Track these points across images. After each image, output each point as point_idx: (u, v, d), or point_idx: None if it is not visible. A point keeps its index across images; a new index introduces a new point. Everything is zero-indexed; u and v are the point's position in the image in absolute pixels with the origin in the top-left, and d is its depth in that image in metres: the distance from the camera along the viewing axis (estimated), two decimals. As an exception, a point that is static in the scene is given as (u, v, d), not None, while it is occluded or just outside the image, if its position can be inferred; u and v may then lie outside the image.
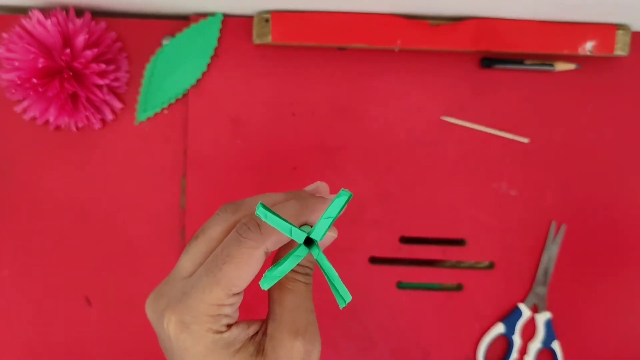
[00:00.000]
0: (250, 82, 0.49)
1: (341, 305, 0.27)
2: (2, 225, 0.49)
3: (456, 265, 0.50)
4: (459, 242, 0.50)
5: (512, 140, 0.50)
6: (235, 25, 0.49)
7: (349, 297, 0.27)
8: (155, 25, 0.49)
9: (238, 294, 0.28)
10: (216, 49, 0.49)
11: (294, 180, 0.49)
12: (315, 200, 0.30)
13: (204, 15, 0.49)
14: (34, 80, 0.44)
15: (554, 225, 0.50)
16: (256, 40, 0.48)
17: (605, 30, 0.47)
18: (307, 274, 0.31)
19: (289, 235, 0.27)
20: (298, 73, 0.49)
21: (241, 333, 0.29)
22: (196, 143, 0.49)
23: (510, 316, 0.50)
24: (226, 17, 0.49)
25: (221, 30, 0.49)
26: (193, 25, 0.49)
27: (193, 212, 0.49)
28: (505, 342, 0.50)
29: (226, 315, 0.28)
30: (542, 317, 0.49)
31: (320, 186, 0.33)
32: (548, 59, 0.49)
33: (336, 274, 0.27)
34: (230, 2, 0.47)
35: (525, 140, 0.50)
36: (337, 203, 0.26)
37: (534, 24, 0.47)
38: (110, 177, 0.50)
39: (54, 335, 0.49)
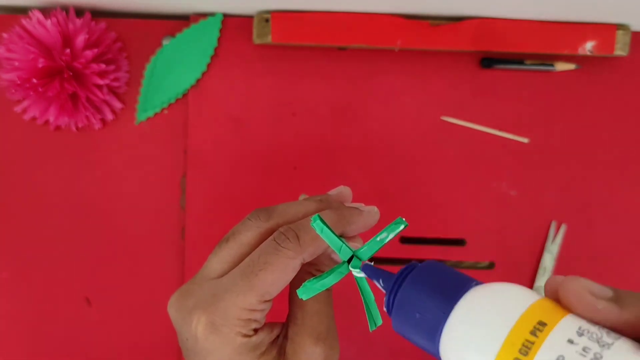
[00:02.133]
0: (250, 82, 0.49)
1: (371, 328, 0.28)
2: (2, 225, 0.49)
3: (456, 265, 0.50)
4: (459, 242, 0.50)
5: (512, 140, 0.50)
6: (235, 25, 0.49)
7: (380, 321, 0.28)
8: (155, 25, 0.49)
9: (269, 300, 0.28)
10: (216, 49, 0.49)
11: (294, 180, 0.49)
12: (351, 212, 0.31)
13: (204, 15, 0.49)
14: (34, 80, 0.44)
15: (554, 225, 0.50)
16: (256, 40, 0.48)
17: (605, 30, 0.47)
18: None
19: (337, 252, 0.27)
20: (298, 73, 0.49)
21: (266, 337, 0.30)
22: (196, 143, 0.49)
23: (510, 316, 0.50)
24: (226, 17, 0.49)
25: (221, 30, 0.49)
26: (193, 25, 0.49)
27: (193, 212, 0.49)
28: (505, 342, 0.50)
29: (255, 320, 0.29)
30: (542, 317, 0.49)
31: (344, 191, 0.34)
32: (548, 59, 0.49)
33: (372, 297, 0.28)
34: (230, 2, 0.47)
35: (525, 140, 0.50)
36: (391, 229, 0.27)
37: (534, 24, 0.47)
38: (110, 177, 0.50)
39: (54, 335, 0.49)
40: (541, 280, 0.49)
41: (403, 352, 0.50)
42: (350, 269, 0.28)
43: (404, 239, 0.50)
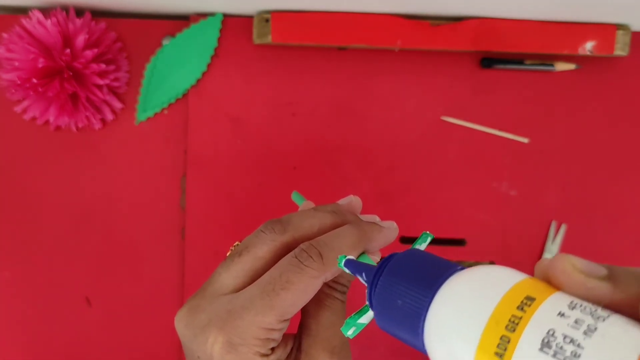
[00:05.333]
0: (250, 82, 0.49)
1: None
2: (2, 225, 0.49)
3: (456, 265, 0.50)
4: (459, 242, 0.50)
5: (512, 140, 0.50)
6: (235, 25, 0.49)
7: None
8: (155, 25, 0.49)
9: (288, 319, 0.27)
10: (216, 49, 0.49)
11: (294, 180, 0.49)
12: (371, 227, 0.30)
13: (204, 15, 0.49)
14: (34, 80, 0.44)
15: (554, 225, 0.50)
16: (256, 40, 0.48)
17: (605, 30, 0.47)
18: (343, 292, 0.30)
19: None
20: (298, 73, 0.49)
21: (282, 353, 0.29)
22: (196, 143, 0.49)
23: (510, 316, 0.50)
24: (226, 17, 0.49)
25: (221, 30, 0.49)
26: (193, 25, 0.48)
27: (193, 212, 0.49)
28: (505, 342, 0.50)
29: (274, 340, 0.28)
30: (542, 317, 0.49)
31: (354, 201, 0.33)
32: (548, 59, 0.49)
33: None
34: (230, 2, 0.47)
35: (525, 140, 0.50)
36: (419, 243, 0.26)
37: (534, 24, 0.47)
38: (110, 177, 0.50)
39: (54, 336, 0.49)
40: (541, 280, 0.49)
41: (404, 352, 0.50)
42: None
43: (403, 239, 0.50)
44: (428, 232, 0.26)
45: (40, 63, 0.44)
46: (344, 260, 0.25)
